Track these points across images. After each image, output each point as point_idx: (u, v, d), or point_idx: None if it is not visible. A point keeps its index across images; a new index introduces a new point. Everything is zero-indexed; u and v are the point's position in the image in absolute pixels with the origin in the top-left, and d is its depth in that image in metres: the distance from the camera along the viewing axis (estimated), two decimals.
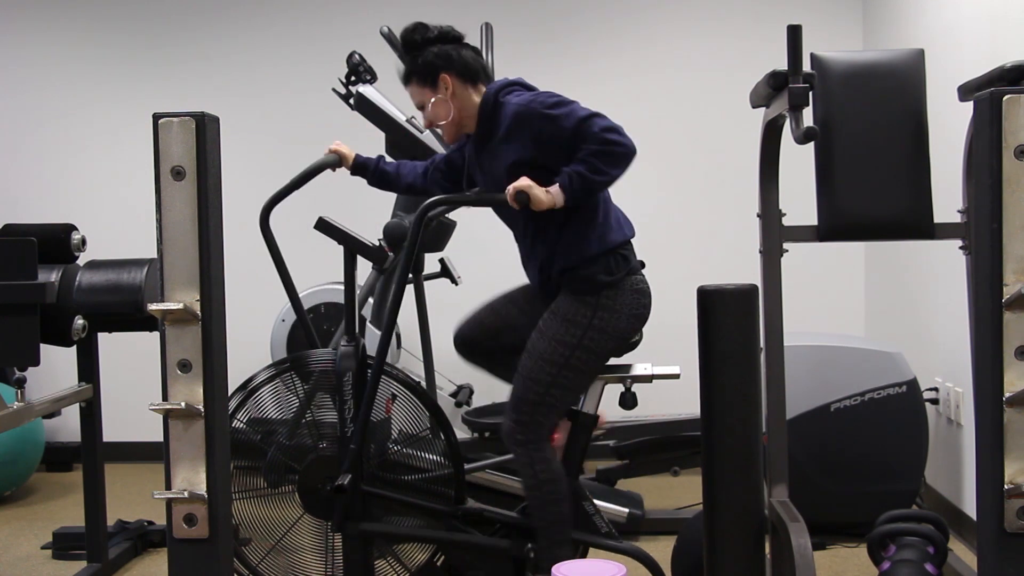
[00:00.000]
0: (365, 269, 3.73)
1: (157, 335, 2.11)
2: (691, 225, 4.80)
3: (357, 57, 3.69)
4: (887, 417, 3.46)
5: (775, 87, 2.43)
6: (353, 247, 2.86)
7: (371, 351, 2.87)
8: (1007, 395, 1.90)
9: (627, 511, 3.60)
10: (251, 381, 2.91)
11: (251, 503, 2.89)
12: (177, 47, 4.98)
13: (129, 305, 3.09)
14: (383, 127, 3.66)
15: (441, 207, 2.80)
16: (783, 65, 2.36)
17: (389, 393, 2.89)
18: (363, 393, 2.77)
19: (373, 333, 3.89)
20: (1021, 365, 1.90)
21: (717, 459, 2.39)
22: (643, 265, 2.76)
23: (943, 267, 3.64)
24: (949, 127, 3.09)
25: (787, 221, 2.69)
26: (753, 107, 2.74)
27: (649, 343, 2.93)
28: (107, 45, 5.02)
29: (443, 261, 4.22)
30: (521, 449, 2.67)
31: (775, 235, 2.68)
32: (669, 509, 3.85)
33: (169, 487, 2.08)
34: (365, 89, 3.66)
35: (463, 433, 3.84)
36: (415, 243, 2.72)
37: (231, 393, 2.72)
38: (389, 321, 2.78)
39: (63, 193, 5.00)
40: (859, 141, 2.57)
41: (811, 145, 2.46)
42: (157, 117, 2.05)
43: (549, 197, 2.52)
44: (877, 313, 4.67)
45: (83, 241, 3.13)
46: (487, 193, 2.73)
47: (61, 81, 5.03)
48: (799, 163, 2.91)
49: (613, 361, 2.81)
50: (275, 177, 5.14)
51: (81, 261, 3.17)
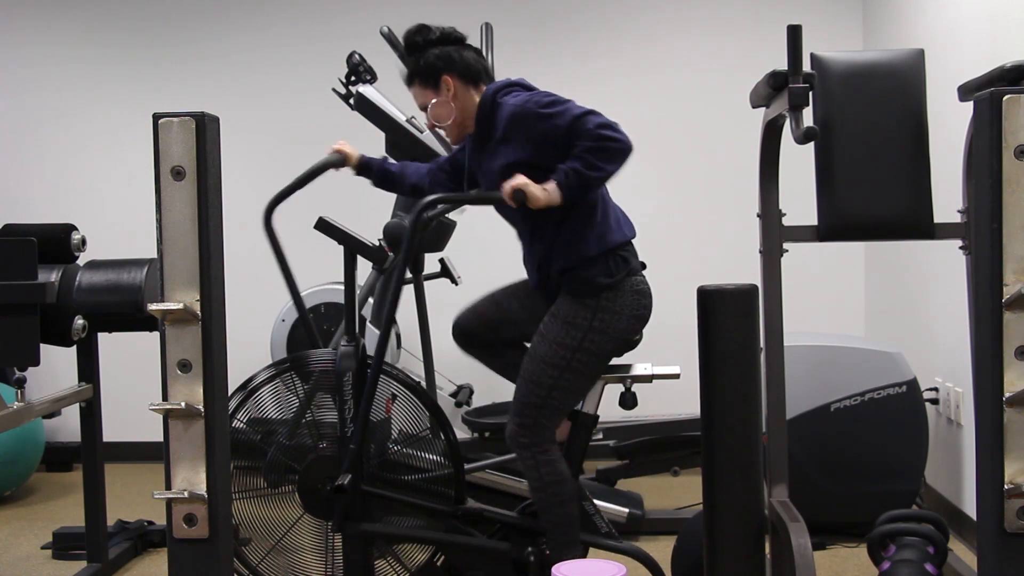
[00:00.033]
0: (365, 269, 3.73)
1: (157, 335, 2.11)
2: (691, 225, 4.80)
3: (357, 57, 3.69)
4: (887, 417, 3.46)
5: (775, 87, 2.43)
6: (353, 247, 2.86)
7: (371, 351, 2.87)
8: (1007, 395, 1.90)
9: (627, 511, 3.60)
10: (251, 381, 2.91)
11: (251, 503, 2.89)
12: (177, 47, 4.98)
13: (129, 305, 3.09)
14: (383, 127, 3.66)
15: (438, 206, 2.80)
16: (783, 65, 2.36)
17: (389, 393, 2.89)
18: (363, 393, 2.77)
19: (373, 333, 3.89)
20: (1021, 365, 1.90)
21: (717, 459, 2.39)
22: (644, 266, 2.75)
23: (943, 267, 3.64)
24: (949, 127, 3.09)
25: (787, 221, 2.69)
26: (753, 107, 2.74)
27: (649, 343, 2.92)
28: (107, 45, 5.02)
29: (443, 261, 4.22)
30: (526, 452, 2.67)
31: (775, 235, 2.68)
32: (669, 509, 3.85)
33: (169, 487, 2.08)
34: (365, 89, 3.66)
35: (463, 433, 3.84)
36: (413, 242, 2.72)
37: (231, 393, 2.72)
38: (387, 320, 2.78)
39: (63, 193, 5.00)
40: (859, 141, 2.57)
41: (811, 145, 2.46)
42: (157, 117, 2.05)
43: (546, 194, 2.52)
44: (877, 313, 4.67)
45: (83, 241, 3.13)
46: (487, 193, 2.73)
47: (61, 81, 5.02)
48: (799, 163, 2.91)
49: (613, 361, 2.81)
50: (275, 177, 5.13)
51: (81, 261, 3.17)
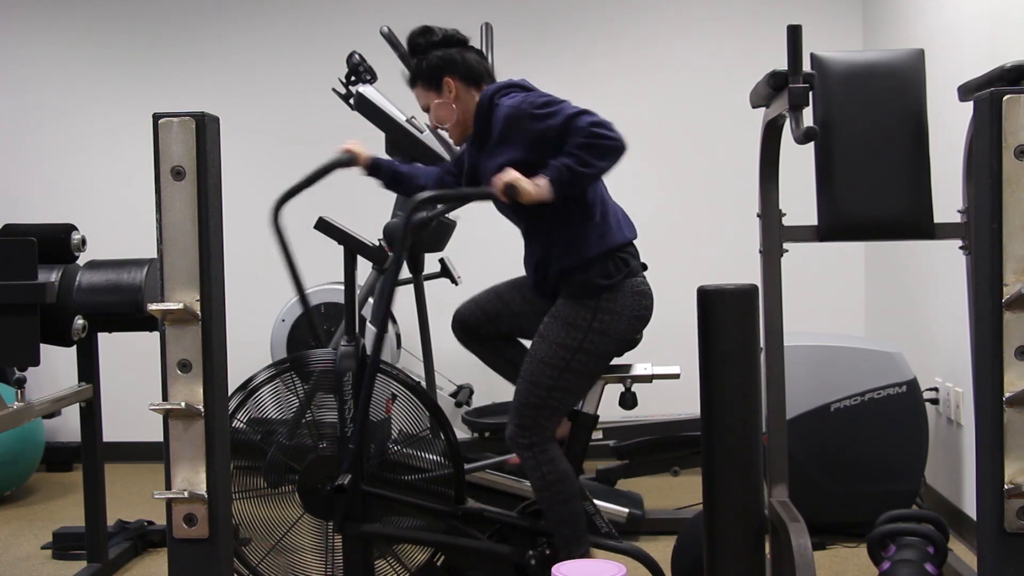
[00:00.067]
0: (365, 269, 3.73)
1: (157, 335, 2.11)
2: (691, 225, 4.80)
3: (357, 57, 3.69)
4: (887, 417, 3.46)
5: (775, 87, 2.43)
6: (353, 247, 2.86)
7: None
8: (1007, 395, 1.90)
9: (627, 511, 3.60)
10: (251, 381, 2.91)
11: (251, 503, 2.89)
12: (177, 47, 4.98)
13: (129, 305, 3.09)
14: (383, 127, 3.66)
15: (435, 205, 2.79)
16: (783, 65, 2.36)
17: (389, 393, 2.89)
18: (363, 392, 2.77)
19: (373, 333, 3.89)
20: (1021, 365, 1.90)
21: (717, 459, 2.39)
22: (646, 267, 2.75)
23: (943, 267, 3.64)
24: (949, 127, 3.09)
25: (787, 221, 2.69)
26: (753, 107, 2.74)
27: (649, 343, 2.92)
28: (107, 45, 5.02)
29: (443, 261, 4.21)
30: (527, 452, 2.67)
31: (775, 235, 2.68)
32: (669, 509, 3.85)
33: (169, 487, 2.08)
34: (365, 89, 3.66)
35: (463, 433, 3.84)
36: (406, 240, 2.71)
37: (231, 393, 2.72)
38: (383, 318, 2.77)
39: (63, 193, 5.00)
40: (859, 141, 2.57)
41: (811, 145, 2.46)
42: (157, 117, 2.05)
43: (537, 189, 2.51)
44: (877, 313, 4.67)
45: (83, 241, 3.13)
46: (478, 188, 2.72)
47: (61, 81, 5.02)
48: (799, 163, 2.91)
49: (613, 361, 2.81)
50: (275, 177, 5.13)
51: (81, 261, 3.17)
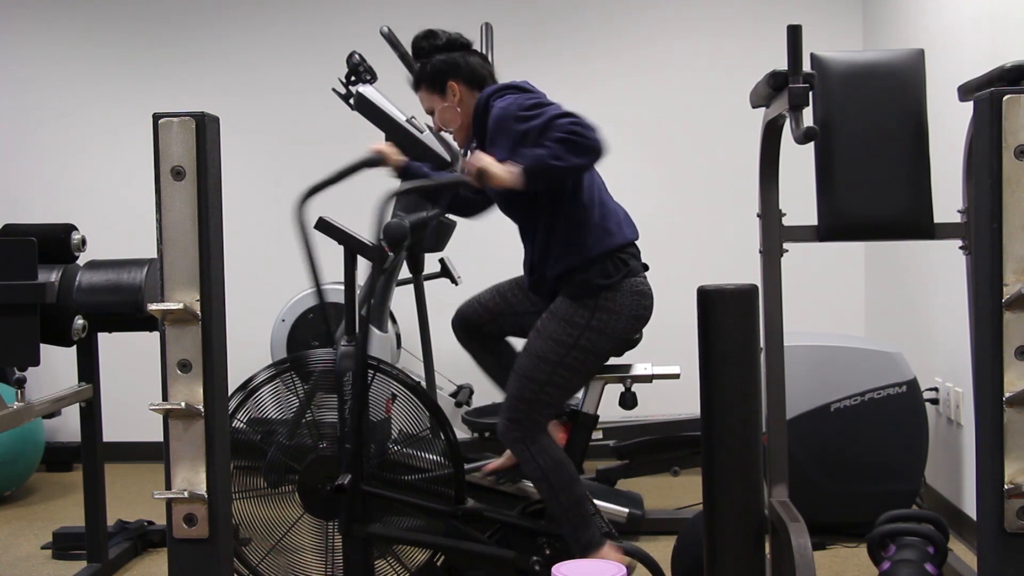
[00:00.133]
0: (365, 269, 3.73)
1: (157, 335, 2.11)
2: (691, 225, 4.80)
3: (357, 57, 3.69)
4: (887, 417, 3.45)
5: (775, 87, 2.43)
6: (353, 247, 2.86)
7: (371, 351, 2.87)
8: (1007, 395, 1.90)
9: (627, 511, 3.60)
10: (251, 381, 2.91)
11: (251, 503, 2.89)
12: (177, 47, 4.97)
13: (129, 305, 3.09)
14: (383, 127, 3.65)
15: (404, 194, 2.76)
16: (783, 65, 2.35)
17: (389, 393, 2.89)
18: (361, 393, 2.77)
19: (373, 333, 3.89)
20: (1021, 365, 1.90)
21: (717, 459, 2.39)
22: (647, 268, 2.75)
23: (943, 267, 3.64)
24: (949, 127, 3.08)
25: (787, 221, 2.69)
26: (753, 107, 2.74)
27: (649, 343, 2.92)
28: (107, 45, 5.01)
29: (443, 261, 4.22)
30: (520, 446, 2.68)
31: (775, 235, 2.68)
32: (669, 509, 3.85)
33: (169, 487, 2.08)
34: (365, 89, 3.65)
35: (463, 433, 3.84)
36: (380, 223, 2.69)
37: (231, 393, 2.72)
38: (367, 314, 2.76)
39: (63, 193, 5.00)
40: (859, 141, 2.57)
41: (811, 145, 2.46)
42: (157, 117, 2.05)
43: (509, 175, 2.48)
44: (877, 313, 4.67)
45: (83, 241, 3.12)
46: (451, 176, 2.71)
47: (61, 81, 5.02)
48: (799, 163, 2.91)
49: (613, 361, 2.81)
50: (275, 177, 5.14)
51: (81, 261, 3.17)
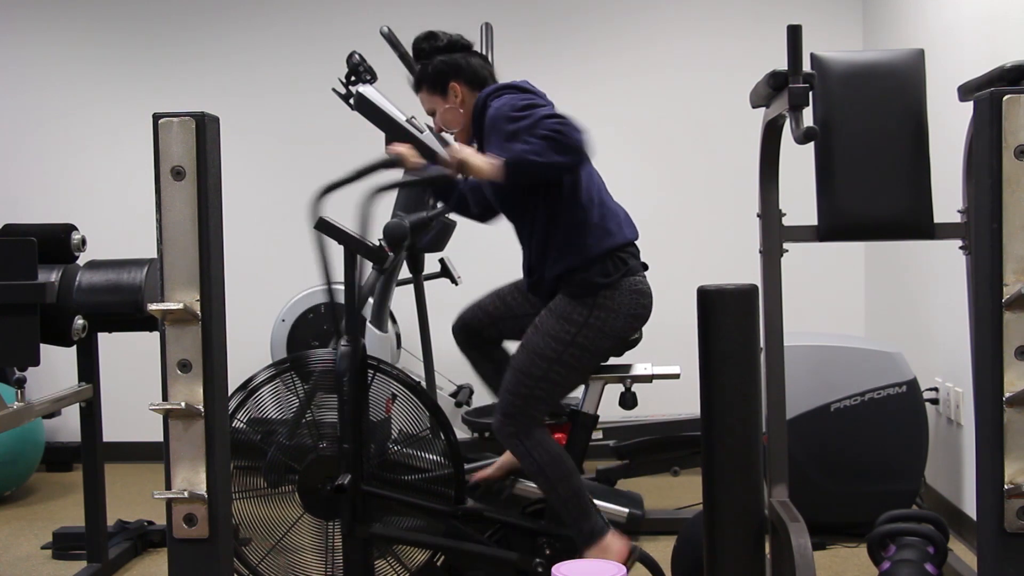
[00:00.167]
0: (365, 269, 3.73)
1: (157, 335, 2.11)
2: (691, 225, 4.80)
3: (357, 57, 3.69)
4: (887, 417, 3.45)
5: (775, 87, 2.43)
6: (353, 247, 2.86)
7: (371, 351, 2.87)
8: (1007, 395, 1.90)
9: (627, 511, 3.60)
10: (251, 381, 2.91)
11: (251, 503, 2.89)
12: (177, 47, 4.97)
13: (129, 305, 3.09)
14: (383, 127, 3.65)
15: (384, 191, 2.74)
16: (783, 65, 2.35)
17: (389, 393, 2.89)
18: (360, 392, 2.77)
19: (373, 333, 3.89)
20: (1021, 365, 1.90)
21: (717, 459, 2.39)
22: (646, 267, 2.75)
23: (943, 267, 3.64)
24: (949, 127, 3.08)
25: (787, 221, 2.69)
26: (753, 107, 2.74)
27: (649, 343, 2.92)
28: (107, 45, 5.01)
29: (443, 261, 4.22)
30: (515, 440, 2.68)
31: (775, 235, 2.68)
32: (669, 509, 3.85)
33: (169, 487, 2.08)
34: (365, 89, 3.66)
35: (463, 433, 3.84)
36: (366, 221, 2.69)
37: (231, 393, 2.72)
38: (355, 308, 2.75)
39: (63, 193, 5.00)
40: (859, 141, 2.57)
41: (811, 145, 2.46)
42: (157, 117, 2.04)
43: (490, 167, 2.48)
44: (877, 313, 4.67)
45: (83, 241, 3.12)
46: (434, 170, 2.70)
47: (61, 81, 5.02)
48: (799, 163, 2.91)
49: (613, 361, 2.81)
50: (275, 177, 5.14)
51: (81, 261, 3.17)
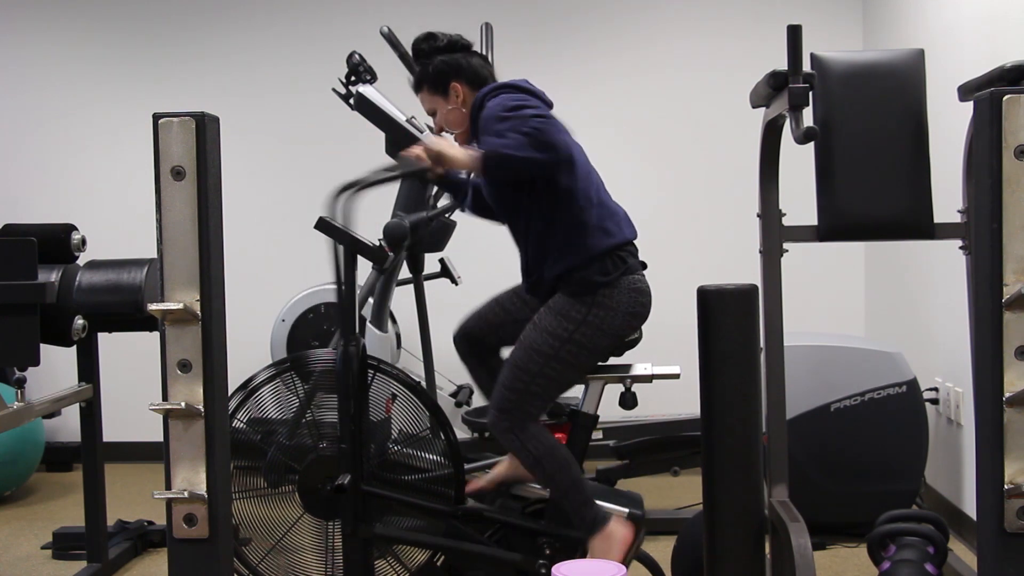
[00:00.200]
0: (365, 269, 3.73)
1: (157, 335, 2.11)
2: (691, 225, 4.80)
3: (357, 57, 3.69)
4: (887, 417, 3.46)
5: (775, 87, 2.43)
6: (353, 247, 2.86)
7: (371, 351, 2.87)
8: (1007, 395, 1.90)
9: (627, 511, 3.59)
10: (251, 381, 2.91)
11: (251, 503, 2.89)
12: (177, 47, 4.97)
13: (129, 305, 3.09)
14: (383, 127, 3.66)
15: (353, 187, 2.72)
16: (783, 65, 2.35)
17: (389, 393, 2.89)
18: (361, 392, 2.77)
19: (373, 333, 3.89)
20: (1021, 365, 1.90)
21: (717, 459, 2.39)
22: (645, 266, 2.75)
23: (943, 267, 3.64)
24: (949, 127, 3.09)
25: (787, 221, 2.69)
26: (753, 107, 2.74)
27: (649, 343, 2.92)
28: (107, 45, 5.01)
29: (443, 261, 4.21)
30: (510, 436, 2.68)
31: (775, 235, 2.68)
32: (669, 509, 3.85)
33: (169, 487, 2.08)
34: (365, 89, 3.66)
35: (463, 433, 3.84)
36: (341, 213, 2.68)
37: (231, 393, 2.72)
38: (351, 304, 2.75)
39: (63, 193, 5.00)
40: (859, 141, 2.57)
41: (811, 145, 2.46)
42: (157, 117, 2.04)
43: (467, 159, 2.49)
44: (877, 313, 4.67)
45: (83, 241, 3.12)
46: (412, 164, 2.67)
47: (61, 81, 5.02)
48: (799, 163, 2.91)
49: (613, 361, 2.81)
50: (275, 177, 5.14)
51: (81, 261, 3.17)
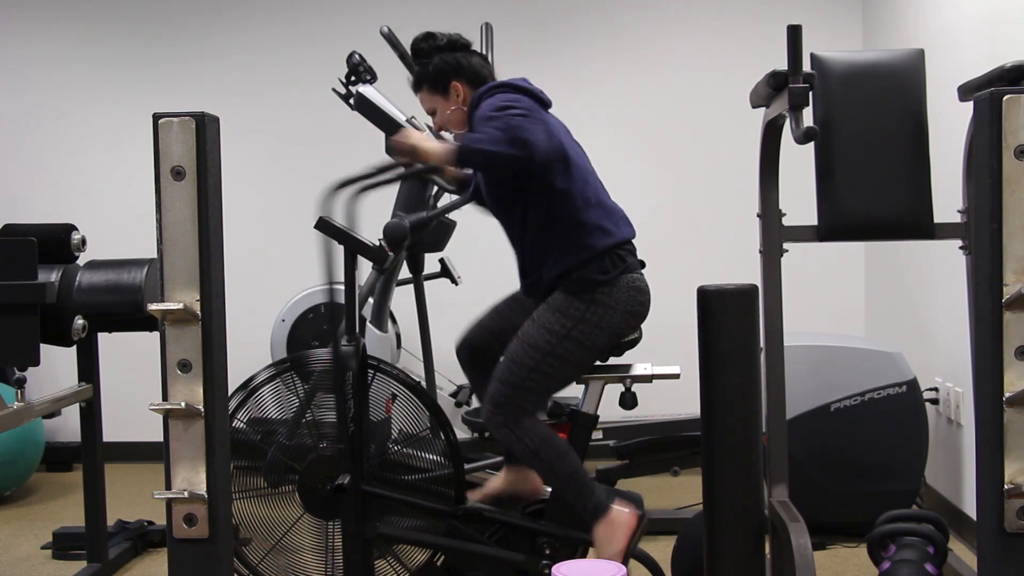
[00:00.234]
0: (365, 269, 3.73)
1: (157, 335, 2.11)
2: (691, 225, 4.80)
3: (357, 57, 3.69)
4: (887, 417, 3.46)
5: (775, 87, 2.43)
6: (353, 247, 2.86)
7: (371, 351, 2.87)
8: (1007, 395, 1.90)
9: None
10: (251, 381, 2.91)
11: (251, 503, 2.89)
12: (177, 47, 4.97)
13: (129, 305, 3.09)
14: (383, 127, 3.65)
15: (341, 187, 2.71)
16: (783, 65, 2.36)
17: (389, 393, 2.89)
18: (362, 392, 2.77)
19: (373, 333, 3.89)
20: (1021, 365, 1.90)
21: (717, 459, 2.39)
22: (643, 265, 2.76)
23: (943, 267, 3.64)
24: (949, 127, 3.09)
25: (787, 221, 2.69)
26: (753, 107, 2.74)
27: (649, 343, 2.92)
28: (107, 45, 5.01)
29: (443, 261, 4.21)
30: (504, 430, 2.67)
31: (775, 235, 2.68)
32: (669, 509, 3.85)
33: (169, 487, 2.08)
34: (365, 89, 3.66)
35: (463, 433, 3.84)
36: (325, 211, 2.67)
37: (231, 393, 2.72)
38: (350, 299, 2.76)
39: (63, 193, 5.00)
40: (859, 141, 2.57)
41: (811, 145, 2.46)
42: (157, 117, 2.05)
43: (441, 152, 2.49)
44: (877, 313, 4.67)
45: (83, 241, 3.13)
46: (386, 161, 2.68)
47: (61, 81, 5.02)
48: (799, 163, 2.91)
49: (613, 361, 2.81)
50: (275, 177, 5.14)
51: (81, 261, 3.17)
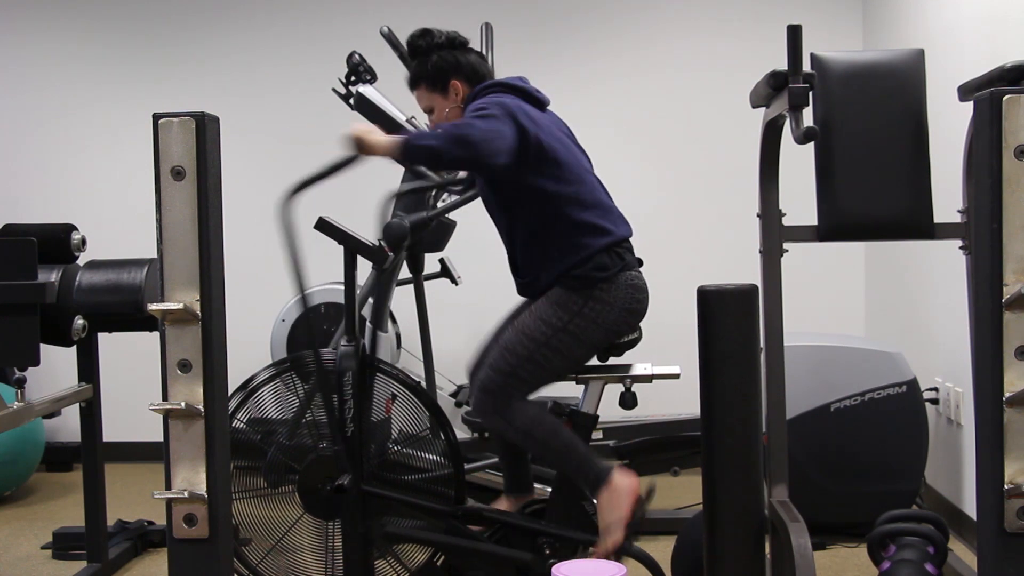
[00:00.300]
0: (365, 269, 3.73)
1: (157, 335, 2.11)
2: (691, 225, 4.80)
3: (357, 57, 3.69)
4: (887, 417, 3.46)
5: (775, 87, 2.43)
6: (353, 247, 2.86)
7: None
8: (1007, 395, 1.90)
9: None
10: (251, 381, 2.91)
11: (251, 503, 2.89)
12: (177, 47, 4.98)
13: (129, 305, 3.09)
14: (383, 127, 3.63)
15: (303, 187, 2.69)
16: (783, 65, 2.36)
17: (389, 393, 2.89)
18: (363, 392, 2.77)
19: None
20: (1021, 365, 1.90)
21: (717, 459, 2.39)
22: (641, 263, 2.76)
23: (943, 267, 3.64)
24: (949, 127, 3.09)
25: (787, 221, 2.69)
26: (753, 107, 2.74)
27: (649, 343, 2.92)
28: (107, 45, 5.02)
29: (443, 261, 4.21)
30: (494, 418, 2.68)
31: (775, 235, 2.68)
32: (669, 509, 3.85)
33: (169, 487, 2.08)
34: (365, 89, 3.66)
35: (463, 433, 3.84)
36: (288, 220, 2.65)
37: (231, 393, 2.72)
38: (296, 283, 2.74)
39: (63, 193, 5.00)
40: (859, 141, 2.57)
41: (811, 145, 2.46)
42: (157, 117, 2.05)
43: (384, 145, 2.48)
44: (877, 313, 4.67)
45: (83, 241, 3.13)
46: (340, 156, 2.67)
47: (61, 81, 5.02)
48: (799, 163, 2.91)
49: (613, 361, 2.81)
50: (275, 177, 5.13)
51: (81, 261, 3.17)
